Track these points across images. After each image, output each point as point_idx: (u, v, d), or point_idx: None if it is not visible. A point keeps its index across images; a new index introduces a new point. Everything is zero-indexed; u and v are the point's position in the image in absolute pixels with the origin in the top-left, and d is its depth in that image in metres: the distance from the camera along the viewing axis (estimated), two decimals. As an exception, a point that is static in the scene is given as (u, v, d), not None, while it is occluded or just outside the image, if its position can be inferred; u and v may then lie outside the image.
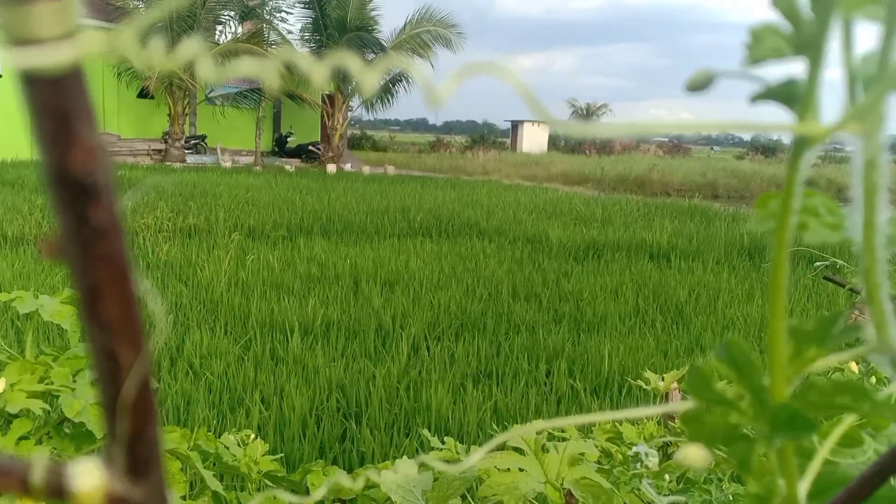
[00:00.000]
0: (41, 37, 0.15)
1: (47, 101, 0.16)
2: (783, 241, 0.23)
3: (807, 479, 0.26)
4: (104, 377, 0.18)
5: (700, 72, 0.22)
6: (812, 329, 0.24)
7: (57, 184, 0.16)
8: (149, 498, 0.18)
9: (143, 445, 0.18)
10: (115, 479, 0.18)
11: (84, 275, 0.17)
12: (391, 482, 1.01)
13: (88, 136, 0.16)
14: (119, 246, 0.17)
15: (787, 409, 0.23)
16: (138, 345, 0.18)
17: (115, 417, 0.18)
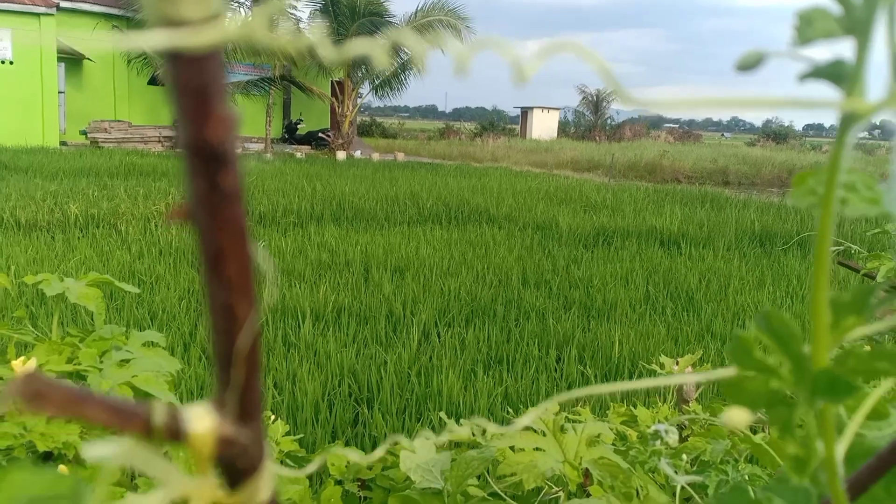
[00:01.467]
0: (187, 19, 0.16)
1: (189, 77, 0.17)
2: (829, 214, 0.24)
3: (844, 441, 0.27)
4: (221, 331, 0.19)
5: (750, 51, 0.23)
6: (850, 300, 0.25)
7: (192, 152, 0.18)
8: (253, 440, 0.20)
9: (250, 393, 0.20)
10: (225, 423, 0.19)
11: (210, 236, 0.18)
12: (411, 462, 1.02)
13: (222, 109, 0.17)
14: (241, 211, 0.19)
15: (828, 373, 0.24)
16: (252, 301, 0.19)
17: (228, 367, 0.19)
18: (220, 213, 0.18)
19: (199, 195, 0.18)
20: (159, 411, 0.18)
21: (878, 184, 0.25)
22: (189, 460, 0.20)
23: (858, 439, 0.31)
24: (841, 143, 0.23)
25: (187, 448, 0.18)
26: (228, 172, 0.18)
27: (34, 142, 19.17)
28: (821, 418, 0.26)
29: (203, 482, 0.19)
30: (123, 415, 0.18)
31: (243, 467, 0.20)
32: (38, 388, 0.18)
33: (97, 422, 0.18)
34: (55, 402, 0.18)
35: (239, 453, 0.20)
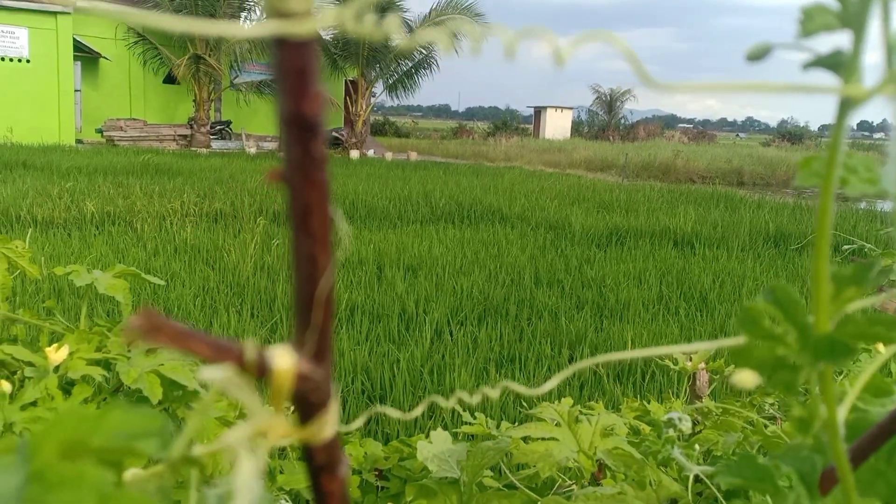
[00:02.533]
0: (293, 10, 0.18)
1: (292, 60, 0.20)
2: (829, 191, 0.26)
3: (845, 405, 0.29)
4: (304, 278, 0.22)
5: (758, 44, 0.25)
6: (850, 273, 0.27)
7: (291, 124, 0.20)
8: (325, 378, 0.22)
9: (325, 335, 0.22)
10: (303, 361, 0.22)
11: (301, 195, 0.21)
12: (427, 452, 1.05)
13: (317, 87, 0.20)
14: (326, 175, 0.21)
15: (828, 337, 0.26)
16: (331, 253, 0.22)
17: (308, 311, 0.22)
18: (310, 175, 0.21)
19: (294, 160, 0.21)
20: (250, 349, 0.21)
21: (878, 166, 0.27)
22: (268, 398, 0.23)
23: (862, 414, 0.33)
24: (840, 125, 0.25)
25: (269, 383, 0.21)
26: (319, 141, 0.21)
27: (50, 140, 19.37)
28: (823, 381, 0.27)
29: (279, 417, 0.22)
30: (222, 350, 0.21)
31: (315, 402, 0.23)
32: (155, 322, 0.20)
33: (201, 354, 0.21)
34: (168, 334, 0.20)
35: (313, 389, 0.22)
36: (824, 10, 0.24)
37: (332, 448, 0.24)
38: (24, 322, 1.06)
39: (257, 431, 0.21)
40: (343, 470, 0.25)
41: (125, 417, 0.21)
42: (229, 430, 0.20)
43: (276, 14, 0.19)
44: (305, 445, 0.24)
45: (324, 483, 0.25)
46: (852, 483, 0.28)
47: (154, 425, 0.21)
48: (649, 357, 4.69)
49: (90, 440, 0.20)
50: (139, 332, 0.20)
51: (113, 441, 0.20)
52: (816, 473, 0.32)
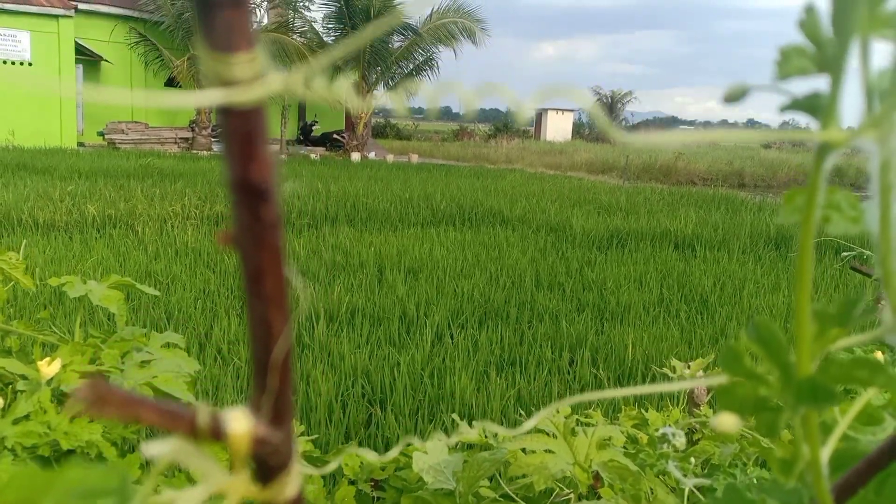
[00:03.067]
0: (238, 79, 0.18)
1: (237, 126, 0.19)
2: (808, 233, 0.25)
3: (829, 446, 0.28)
4: (259, 341, 0.21)
5: (735, 85, 0.25)
6: (835, 312, 0.26)
7: (238, 189, 0.20)
8: (284, 441, 0.22)
9: (283, 398, 0.22)
10: (260, 424, 0.21)
11: (252, 259, 0.21)
12: (423, 463, 1.04)
13: (264, 152, 0.20)
14: (279, 237, 0.21)
15: (811, 381, 0.26)
16: (286, 315, 0.21)
17: (264, 374, 0.21)
18: (261, 239, 0.20)
19: (244, 224, 0.20)
20: (203, 414, 0.20)
21: (861, 203, 0.27)
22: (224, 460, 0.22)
23: (852, 443, 0.33)
24: (818, 169, 0.24)
25: (226, 447, 0.20)
26: (269, 206, 0.20)
27: (52, 143, 19.39)
28: (805, 424, 0.27)
29: (238, 479, 0.21)
30: (172, 417, 0.21)
31: (275, 465, 0.22)
32: (101, 392, 0.20)
33: (150, 423, 0.20)
34: (115, 404, 0.20)
35: (271, 452, 0.22)
36: (801, 53, 0.24)
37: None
38: (19, 333, 1.06)
39: (216, 493, 0.21)
40: (307, 529, 0.24)
41: (81, 475, 0.21)
42: (182, 491, 0.20)
43: (221, 82, 0.18)
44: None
45: (286, 539, 0.24)
46: (837, 525, 0.28)
47: (112, 483, 0.21)
48: (649, 359, 4.68)
49: (41, 502, 0.20)
50: (85, 403, 0.19)
51: (67, 501, 0.20)
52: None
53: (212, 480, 0.21)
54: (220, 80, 0.18)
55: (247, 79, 0.19)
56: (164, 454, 0.19)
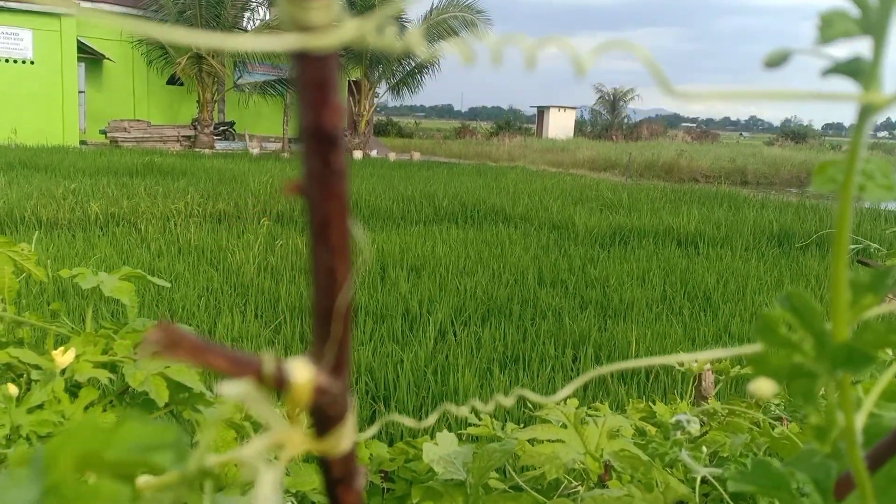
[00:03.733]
0: (314, 24, 0.18)
1: (312, 73, 0.19)
2: (847, 198, 0.25)
3: (862, 413, 0.29)
4: (322, 290, 0.22)
5: (777, 49, 0.25)
6: (868, 280, 0.27)
7: (311, 136, 0.20)
8: (343, 392, 0.22)
9: (343, 348, 0.22)
10: (321, 374, 0.22)
11: (320, 207, 0.21)
12: (433, 454, 1.04)
13: (336, 100, 0.20)
14: (345, 187, 0.21)
15: (846, 345, 0.26)
16: (349, 265, 0.22)
17: (327, 323, 0.21)
18: (329, 187, 0.21)
19: (313, 172, 0.21)
20: (269, 362, 0.21)
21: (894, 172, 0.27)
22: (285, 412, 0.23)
23: (877, 419, 0.33)
24: (859, 132, 0.25)
25: (287, 397, 0.21)
26: (338, 153, 0.21)
27: (54, 141, 19.41)
28: (840, 389, 0.27)
29: (297, 430, 0.22)
30: (240, 364, 0.21)
31: (333, 416, 0.23)
32: (173, 336, 0.20)
33: (219, 368, 0.21)
34: (186, 349, 0.20)
35: (331, 402, 0.22)
36: (844, 17, 0.24)
37: (349, 461, 0.24)
38: (31, 325, 1.06)
39: (275, 444, 0.21)
40: (360, 482, 0.25)
41: (140, 429, 0.21)
42: (246, 442, 0.20)
43: (297, 27, 0.19)
44: (322, 458, 0.24)
45: (340, 495, 0.25)
46: (871, 491, 0.28)
47: (169, 437, 0.21)
48: (653, 353, 4.68)
49: (105, 453, 0.20)
50: (157, 347, 0.20)
51: (127, 454, 0.20)
52: (831, 480, 0.32)
53: (273, 431, 0.21)
54: (297, 24, 0.19)
55: (322, 24, 0.19)
56: (236, 395, 0.20)
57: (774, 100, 0.23)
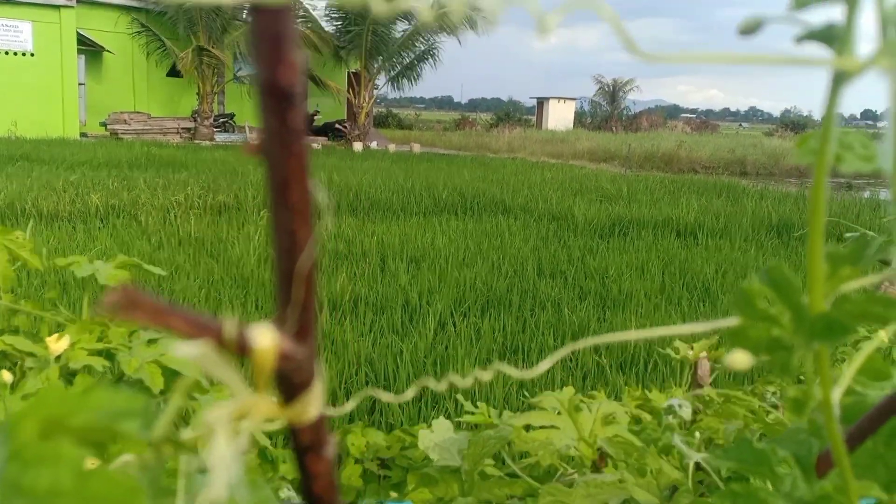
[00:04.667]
0: None
1: (266, 27, 0.19)
2: (823, 165, 0.25)
3: (841, 385, 0.29)
4: (283, 252, 0.22)
5: (750, 17, 0.25)
6: (846, 252, 0.26)
7: (266, 92, 0.20)
8: (308, 358, 0.22)
9: (307, 312, 0.22)
10: (285, 339, 0.22)
11: (278, 167, 0.21)
12: (429, 441, 1.05)
13: (292, 55, 0.20)
14: (304, 145, 0.21)
15: (825, 316, 0.26)
16: (311, 227, 0.21)
17: (288, 287, 0.21)
18: (287, 146, 0.21)
19: (271, 130, 0.20)
20: (230, 326, 0.21)
21: (873, 144, 0.27)
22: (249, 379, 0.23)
23: (860, 398, 0.33)
24: (833, 99, 0.25)
25: (250, 362, 0.21)
26: (296, 111, 0.20)
27: (55, 133, 19.38)
28: (818, 361, 0.27)
29: (262, 397, 0.21)
30: (201, 326, 0.21)
31: (298, 382, 0.22)
32: (132, 297, 0.20)
33: (179, 331, 0.20)
34: (145, 310, 0.20)
35: (295, 368, 0.22)
36: (818, -18, 0.24)
37: (318, 429, 0.24)
38: (26, 312, 1.06)
39: (239, 411, 0.21)
40: (329, 451, 0.24)
41: (108, 397, 0.21)
42: (209, 410, 0.20)
43: None
44: (291, 426, 0.24)
45: (309, 464, 0.24)
46: (847, 463, 0.28)
47: (137, 405, 0.21)
48: (651, 344, 4.68)
49: (71, 419, 0.20)
50: (115, 308, 0.19)
51: (95, 420, 0.20)
52: (813, 456, 0.32)
53: (237, 398, 0.21)
54: (250, -23, 0.19)
55: (276, -24, 0.19)
56: (192, 355, 0.20)
57: (745, 64, 0.23)
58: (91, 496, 0.18)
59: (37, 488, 0.18)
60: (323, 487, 0.25)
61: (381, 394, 0.34)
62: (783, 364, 0.27)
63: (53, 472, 0.18)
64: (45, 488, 0.18)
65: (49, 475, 0.18)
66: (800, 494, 0.30)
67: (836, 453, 0.28)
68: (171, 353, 0.92)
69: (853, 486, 0.28)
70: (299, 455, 0.25)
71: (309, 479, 0.25)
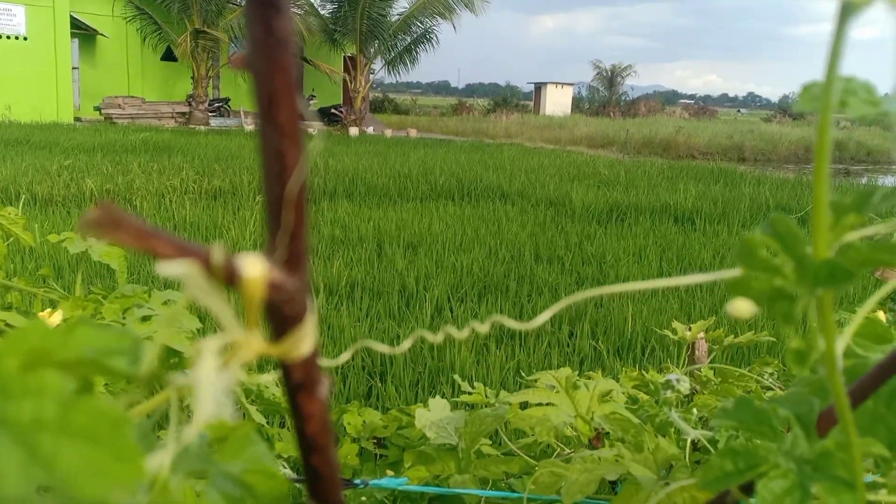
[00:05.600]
0: None
1: None
2: (828, 107, 0.25)
3: (843, 338, 0.28)
4: (272, 176, 0.21)
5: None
6: (851, 200, 0.26)
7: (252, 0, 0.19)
8: (300, 289, 0.21)
9: (297, 241, 0.21)
10: (274, 269, 0.21)
11: (265, 81, 0.20)
12: (426, 419, 1.05)
13: None
14: (292, 58, 0.20)
15: (828, 262, 0.25)
16: (301, 148, 0.21)
17: (278, 213, 0.21)
18: (274, 57, 0.20)
19: (256, 40, 0.20)
20: (218, 253, 0.20)
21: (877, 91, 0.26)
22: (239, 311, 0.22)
23: (862, 360, 0.33)
24: (840, 33, 0.24)
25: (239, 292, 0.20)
26: (282, 18, 0.20)
27: (49, 118, 19.28)
28: (821, 310, 0.27)
29: (252, 331, 0.21)
30: (187, 250, 0.20)
31: (289, 315, 0.22)
32: (115, 216, 0.19)
33: (163, 254, 0.20)
34: (128, 231, 0.20)
35: (286, 299, 0.21)
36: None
37: (311, 366, 0.23)
38: (19, 289, 1.05)
39: (229, 344, 0.20)
40: (322, 390, 0.24)
41: (95, 334, 0.20)
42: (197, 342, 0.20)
43: None
44: (282, 363, 0.23)
45: (302, 404, 0.24)
46: (850, 417, 0.28)
47: (125, 343, 0.20)
48: (648, 330, 4.69)
49: (57, 353, 0.19)
50: (96, 227, 0.19)
51: (81, 355, 0.20)
52: (814, 414, 0.31)
53: (226, 331, 0.20)
54: None
55: None
56: (176, 275, 0.19)
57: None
58: (76, 428, 0.17)
59: (20, 420, 0.17)
60: (316, 428, 0.24)
61: (378, 346, 0.33)
62: (785, 313, 0.26)
63: (37, 403, 0.18)
64: (28, 420, 0.17)
65: (32, 406, 0.17)
66: (800, 452, 0.30)
67: (839, 406, 0.28)
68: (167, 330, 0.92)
69: (856, 441, 0.28)
70: (291, 394, 0.24)
71: (301, 419, 0.24)
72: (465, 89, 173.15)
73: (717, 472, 0.31)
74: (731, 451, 0.31)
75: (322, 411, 0.24)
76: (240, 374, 0.21)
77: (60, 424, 0.17)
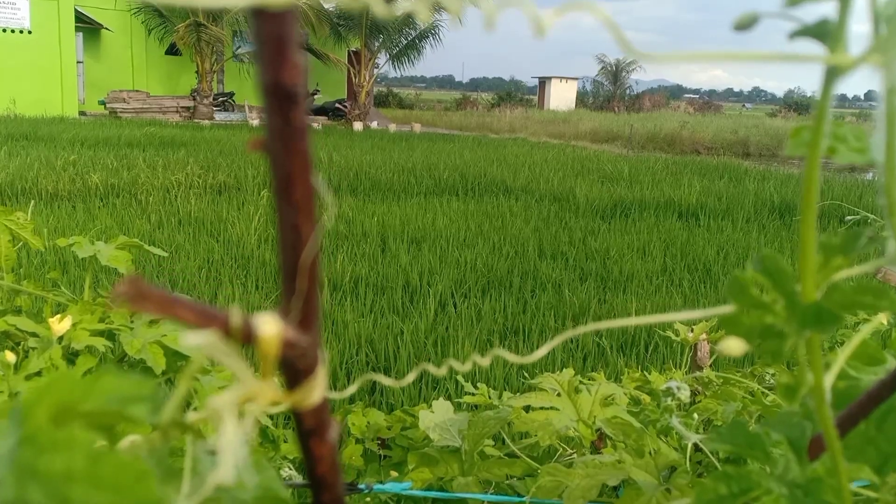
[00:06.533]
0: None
1: (270, 29, 0.20)
2: (815, 159, 0.26)
3: (831, 373, 0.29)
4: (288, 246, 0.22)
5: (746, 13, 0.25)
6: (838, 242, 0.27)
7: (270, 93, 0.21)
8: (312, 345, 0.23)
9: (311, 303, 0.22)
10: (288, 328, 0.22)
11: (282, 165, 0.21)
12: (429, 421, 1.06)
13: (295, 56, 0.20)
14: (308, 144, 0.21)
15: (815, 306, 0.26)
16: (314, 222, 0.22)
17: (293, 279, 0.22)
18: (291, 144, 0.21)
19: (274, 129, 0.21)
20: (236, 316, 0.21)
21: (867, 136, 0.27)
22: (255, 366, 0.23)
23: (853, 382, 0.34)
24: (826, 94, 0.25)
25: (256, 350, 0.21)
26: (299, 110, 0.21)
27: (53, 112, 19.31)
28: (809, 349, 0.28)
29: (267, 382, 0.22)
30: (208, 316, 0.21)
31: (302, 368, 0.23)
32: (140, 289, 0.20)
33: (186, 321, 0.21)
34: (153, 301, 0.21)
35: (299, 355, 0.23)
36: (811, -21, 0.24)
37: (321, 413, 0.25)
38: (29, 293, 1.07)
39: (245, 396, 0.22)
40: (332, 434, 0.25)
41: (117, 382, 0.22)
42: (216, 395, 0.21)
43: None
44: (295, 411, 0.24)
45: (313, 447, 0.25)
46: (839, 447, 0.29)
47: (145, 391, 0.22)
48: (651, 326, 4.70)
49: (81, 405, 0.20)
50: (125, 299, 0.20)
51: (104, 405, 0.21)
52: (805, 439, 0.32)
53: (243, 383, 0.21)
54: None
55: (278, -20, 0.19)
56: (200, 345, 0.20)
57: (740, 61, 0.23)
58: (104, 479, 0.19)
59: (51, 472, 0.18)
60: (325, 469, 0.26)
61: (382, 378, 0.35)
62: (775, 351, 0.27)
63: (67, 456, 0.19)
64: (59, 472, 0.18)
65: (63, 459, 0.19)
66: (792, 476, 0.31)
67: (828, 437, 0.29)
68: (172, 335, 0.93)
69: (843, 470, 0.29)
70: (303, 438, 0.25)
71: (312, 461, 0.26)
72: (470, 83, 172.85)
73: (711, 494, 0.32)
74: (724, 475, 0.32)
75: (331, 453, 0.26)
76: (256, 424, 0.22)
77: (89, 476, 0.19)
